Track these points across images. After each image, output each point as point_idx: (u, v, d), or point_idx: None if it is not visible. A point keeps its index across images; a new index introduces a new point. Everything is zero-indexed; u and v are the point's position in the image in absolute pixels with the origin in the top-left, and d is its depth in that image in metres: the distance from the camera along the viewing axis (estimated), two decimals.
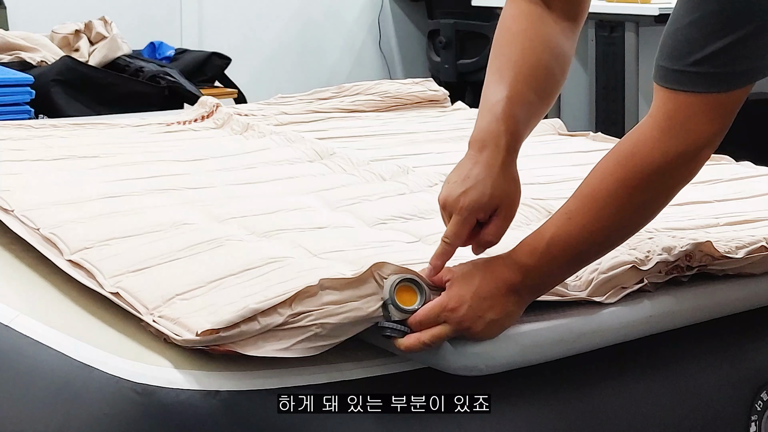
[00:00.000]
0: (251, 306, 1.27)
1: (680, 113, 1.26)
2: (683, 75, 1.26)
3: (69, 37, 3.86)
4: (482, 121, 1.42)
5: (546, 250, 1.31)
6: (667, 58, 1.27)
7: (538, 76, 1.44)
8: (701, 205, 1.83)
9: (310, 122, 2.67)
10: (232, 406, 1.26)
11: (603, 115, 4.77)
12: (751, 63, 1.25)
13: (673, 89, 1.27)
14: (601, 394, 1.41)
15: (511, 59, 1.45)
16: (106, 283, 1.48)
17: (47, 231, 1.66)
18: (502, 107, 1.40)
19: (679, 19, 1.26)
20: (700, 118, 1.26)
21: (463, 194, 1.35)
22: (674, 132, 1.27)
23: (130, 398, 1.27)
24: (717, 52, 1.24)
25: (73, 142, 2.41)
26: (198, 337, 1.27)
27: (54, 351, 1.38)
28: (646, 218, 1.34)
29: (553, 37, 1.47)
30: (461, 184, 1.36)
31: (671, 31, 1.27)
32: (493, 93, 1.42)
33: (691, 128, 1.26)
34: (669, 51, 1.27)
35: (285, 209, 1.81)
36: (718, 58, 1.24)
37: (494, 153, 1.38)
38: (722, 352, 1.51)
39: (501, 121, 1.40)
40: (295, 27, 5.70)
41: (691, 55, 1.25)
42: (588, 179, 1.32)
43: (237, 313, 1.27)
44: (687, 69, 1.25)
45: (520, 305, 1.32)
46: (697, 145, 1.27)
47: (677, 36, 1.26)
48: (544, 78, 1.46)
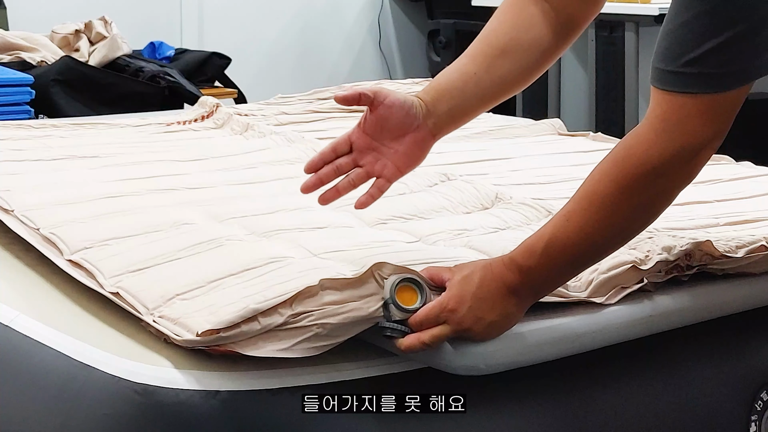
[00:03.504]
0: (252, 306, 1.27)
1: (675, 114, 1.26)
2: (676, 76, 1.25)
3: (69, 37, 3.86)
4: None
5: (545, 252, 1.30)
6: (661, 60, 1.27)
7: (490, 54, 1.52)
8: (701, 205, 1.83)
9: (310, 122, 2.67)
10: (232, 406, 1.26)
11: (603, 115, 4.77)
12: (745, 63, 1.24)
13: (667, 90, 1.26)
14: (601, 394, 1.41)
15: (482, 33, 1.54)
16: (106, 283, 1.48)
17: (47, 231, 1.66)
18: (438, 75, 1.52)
19: (672, 19, 1.26)
20: (695, 120, 1.25)
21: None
22: (669, 133, 1.26)
23: (130, 398, 1.27)
24: (709, 52, 1.23)
25: (73, 142, 2.41)
26: (198, 337, 1.27)
27: (54, 351, 1.38)
28: (644, 221, 1.33)
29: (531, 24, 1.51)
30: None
31: (665, 31, 1.27)
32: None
33: (687, 129, 1.26)
34: (663, 52, 1.27)
35: (285, 209, 1.81)
36: (711, 59, 1.23)
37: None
38: (722, 351, 1.50)
39: (431, 84, 1.52)
40: (295, 27, 5.70)
41: (684, 56, 1.24)
42: (586, 181, 1.32)
43: (237, 313, 1.27)
44: (680, 70, 1.25)
45: (521, 307, 1.32)
46: (693, 146, 1.27)
47: (670, 37, 1.26)
48: (499, 56, 1.51)
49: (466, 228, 1.72)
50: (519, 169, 2.17)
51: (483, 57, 1.52)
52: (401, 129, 1.47)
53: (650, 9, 4.46)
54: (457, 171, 2.03)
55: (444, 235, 1.68)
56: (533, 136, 2.57)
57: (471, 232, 1.70)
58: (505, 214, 1.78)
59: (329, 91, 2.90)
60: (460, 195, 1.89)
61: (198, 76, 3.96)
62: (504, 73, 1.51)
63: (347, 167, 1.49)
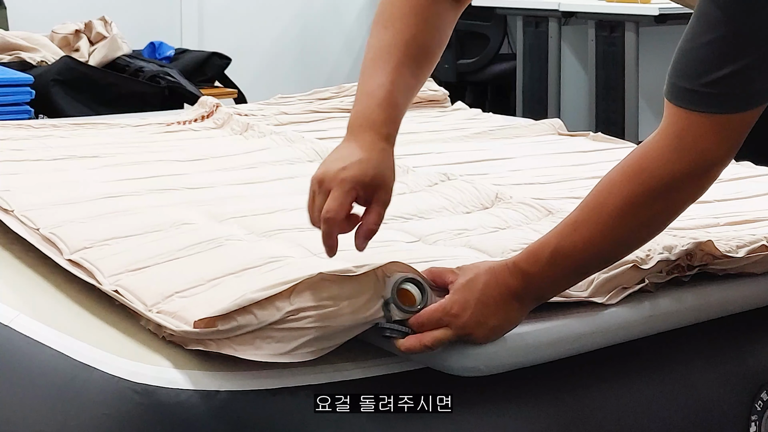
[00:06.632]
0: (249, 296, 1.27)
1: (691, 132, 1.26)
2: (696, 95, 1.25)
3: (69, 37, 3.86)
4: (360, 105, 1.41)
5: (550, 260, 1.30)
6: (681, 77, 1.27)
7: (419, 58, 1.44)
8: (701, 204, 1.82)
9: (310, 122, 2.67)
10: (231, 407, 1.26)
11: (603, 115, 4.77)
12: (764, 85, 1.25)
13: (685, 108, 1.26)
14: (600, 394, 1.41)
15: (396, 39, 1.43)
16: (105, 281, 1.48)
17: (47, 231, 1.66)
18: (383, 93, 1.39)
19: (695, 38, 1.26)
20: (710, 138, 1.26)
21: (343, 169, 1.33)
22: (684, 151, 1.26)
23: (130, 398, 1.27)
24: (731, 74, 1.23)
25: (73, 142, 2.41)
26: (195, 329, 1.27)
27: (54, 351, 1.37)
28: (651, 234, 1.34)
29: (438, 14, 1.47)
30: (341, 161, 1.34)
31: (686, 49, 1.27)
32: (374, 76, 1.41)
33: (701, 148, 1.26)
34: (682, 69, 1.27)
35: (285, 209, 1.81)
36: (732, 80, 1.23)
37: (374, 139, 1.37)
38: (722, 351, 1.50)
39: (382, 108, 1.39)
40: (296, 27, 5.70)
41: (705, 75, 1.24)
42: (595, 191, 1.32)
43: (234, 301, 1.26)
44: (700, 89, 1.25)
45: (522, 312, 1.32)
46: (706, 164, 1.27)
47: (691, 55, 1.26)
48: (425, 59, 1.46)
49: (466, 228, 1.71)
50: (519, 169, 2.17)
51: (412, 64, 1.44)
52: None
53: (650, 9, 4.46)
54: (457, 171, 2.03)
55: (444, 234, 1.68)
56: (533, 136, 2.57)
57: (471, 232, 1.70)
58: (505, 214, 1.78)
59: (329, 91, 2.90)
60: (460, 195, 1.89)
61: (198, 76, 3.96)
62: (428, 72, 1.49)
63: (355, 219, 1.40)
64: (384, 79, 1.40)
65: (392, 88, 1.40)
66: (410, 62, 1.43)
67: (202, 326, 1.27)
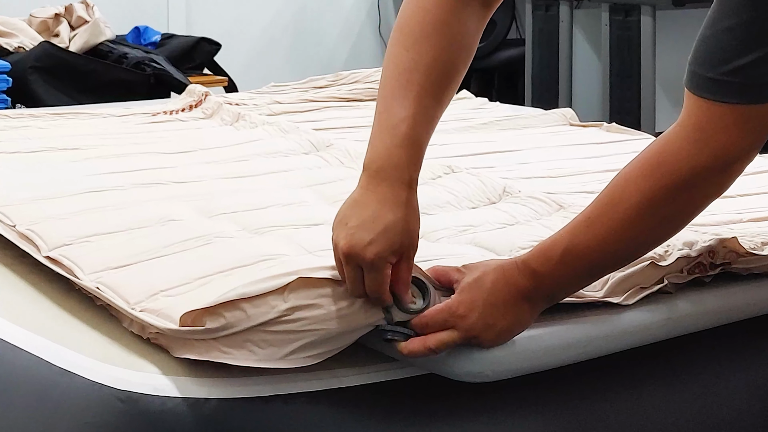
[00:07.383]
0: (240, 290, 1.26)
1: (711, 124, 1.26)
2: (716, 84, 1.25)
3: (48, 21, 3.86)
4: (380, 142, 1.33)
5: (561, 259, 1.30)
6: (701, 64, 1.26)
7: (443, 83, 1.38)
8: (723, 200, 1.82)
9: (305, 112, 2.67)
10: (222, 415, 1.26)
11: (617, 104, 4.77)
12: None
13: (706, 98, 1.26)
14: (614, 403, 1.41)
15: (416, 63, 1.36)
16: (85, 278, 1.47)
17: (24, 227, 1.66)
18: (405, 130, 1.32)
19: (716, 23, 1.25)
20: (731, 131, 1.25)
21: (371, 244, 1.27)
22: (704, 144, 1.26)
23: (114, 406, 1.26)
24: (754, 62, 1.23)
25: (52, 134, 2.41)
26: (182, 327, 1.26)
27: (32, 356, 1.37)
28: (669, 233, 1.33)
29: (464, 32, 1.40)
30: (366, 230, 1.28)
31: (707, 35, 1.26)
32: (393, 107, 1.34)
33: (723, 140, 1.26)
34: (702, 56, 1.26)
35: (278, 204, 1.81)
36: (755, 69, 1.23)
37: (397, 189, 1.32)
38: (746, 357, 1.50)
39: (403, 149, 1.32)
40: (290, 11, 5.70)
41: (726, 64, 1.24)
42: (610, 187, 1.32)
43: (224, 294, 1.26)
44: (720, 78, 1.24)
45: (533, 313, 1.32)
46: (727, 159, 1.27)
47: (712, 41, 1.25)
48: (449, 82, 1.39)
49: (471, 224, 1.71)
50: (528, 162, 2.17)
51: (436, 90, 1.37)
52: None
53: None
54: (462, 163, 2.02)
55: (448, 231, 1.68)
56: (543, 126, 2.57)
57: (477, 228, 1.69)
58: (514, 209, 1.78)
59: (326, 79, 2.90)
60: (465, 189, 1.89)
61: (186, 63, 3.97)
62: (452, 94, 1.42)
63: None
64: (405, 112, 1.33)
65: (414, 124, 1.33)
66: (433, 89, 1.36)
67: (189, 323, 1.26)
